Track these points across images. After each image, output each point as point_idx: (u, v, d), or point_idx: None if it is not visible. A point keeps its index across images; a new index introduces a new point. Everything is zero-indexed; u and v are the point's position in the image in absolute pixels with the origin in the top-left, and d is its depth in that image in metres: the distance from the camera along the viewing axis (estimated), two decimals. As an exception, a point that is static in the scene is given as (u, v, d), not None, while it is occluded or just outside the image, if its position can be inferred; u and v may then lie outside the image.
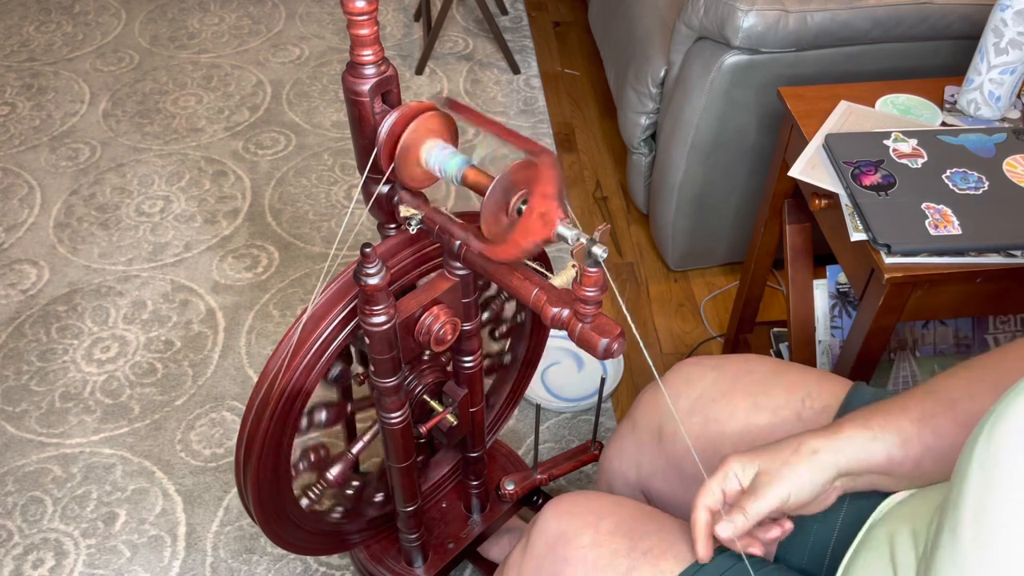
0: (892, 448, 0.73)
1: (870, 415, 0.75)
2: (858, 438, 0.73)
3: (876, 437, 0.73)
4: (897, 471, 0.73)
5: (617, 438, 1.12)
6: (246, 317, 1.85)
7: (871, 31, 1.50)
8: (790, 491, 0.71)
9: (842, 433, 0.74)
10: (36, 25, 2.78)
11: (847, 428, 0.74)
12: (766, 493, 0.71)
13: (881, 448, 0.73)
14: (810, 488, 0.72)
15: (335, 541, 1.18)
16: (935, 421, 0.73)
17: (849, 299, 1.51)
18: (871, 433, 0.73)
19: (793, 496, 0.71)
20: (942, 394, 0.74)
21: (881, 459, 0.73)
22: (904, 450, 0.73)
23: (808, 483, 0.72)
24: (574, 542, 0.85)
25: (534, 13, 2.94)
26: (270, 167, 2.23)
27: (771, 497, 0.71)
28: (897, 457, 0.73)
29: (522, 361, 1.26)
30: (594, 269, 0.73)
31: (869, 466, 0.73)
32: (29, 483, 1.57)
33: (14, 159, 2.26)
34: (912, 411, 0.74)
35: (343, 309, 0.90)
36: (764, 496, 0.71)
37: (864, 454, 0.73)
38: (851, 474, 0.73)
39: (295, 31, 2.76)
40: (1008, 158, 1.19)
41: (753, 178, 1.76)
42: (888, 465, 0.73)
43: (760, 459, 0.74)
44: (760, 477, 0.72)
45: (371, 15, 0.79)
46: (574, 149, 2.37)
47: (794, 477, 0.71)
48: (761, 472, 0.73)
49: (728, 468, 0.74)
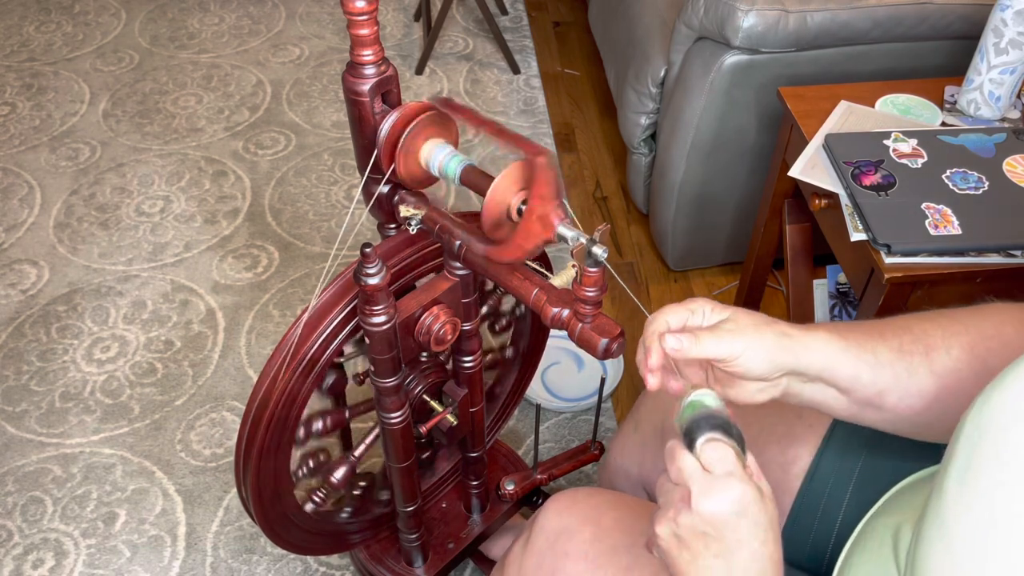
0: (862, 366, 0.69)
1: (847, 329, 0.71)
2: (832, 344, 0.69)
3: (848, 350, 0.69)
4: (858, 392, 0.70)
5: (620, 436, 1.13)
6: (246, 317, 1.85)
7: (871, 31, 1.50)
8: (746, 349, 0.67)
9: (816, 332, 0.70)
10: (36, 25, 2.78)
11: (821, 332, 0.70)
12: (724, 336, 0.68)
13: (850, 362, 0.69)
14: (764, 361, 0.68)
15: (335, 541, 1.18)
16: (911, 359, 0.69)
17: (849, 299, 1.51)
18: (844, 344, 0.69)
19: (744, 358, 0.68)
20: (919, 335, 0.70)
21: (847, 372, 0.69)
22: (874, 373, 0.69)
23: (765, 355, 0.68)
24: (575, 538, 0.85)
25: (534, 13, 2.94)
26: (270, 167, 2.23)
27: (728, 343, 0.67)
28: (865, 378, 0.69)
29: (522, 360, 1.26)
30: (594, 269, 0.73)
31: (832, 376, 0.69)
32: (29, 483, 1.57)
33: (14, 159, 2.26)
34: (890, 340, 0.70)
35: (343, 309, 0.90)
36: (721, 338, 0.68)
37: (831, 361, 0.69)
38: (804, 375, 0.70)
39: (295, 31, 2.76)
40: (1008, 158, 1.19)
41: (753, 178, 1.76)
42: (851, 382, 0.69)
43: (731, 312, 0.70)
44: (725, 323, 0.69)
45: (371, 15, 0.79)
46: (574, 149, 2.37)
47: (757, 341, 0.68)
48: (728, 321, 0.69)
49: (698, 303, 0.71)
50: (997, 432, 0.51)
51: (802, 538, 0.85)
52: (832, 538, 0.84)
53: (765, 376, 0.69)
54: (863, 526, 0.77)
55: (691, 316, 0.70)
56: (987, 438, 0.52)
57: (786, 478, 0.88)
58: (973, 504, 0.52)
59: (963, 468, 0.53)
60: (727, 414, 0.64)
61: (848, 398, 0.71)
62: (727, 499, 0.60)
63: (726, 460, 0.61)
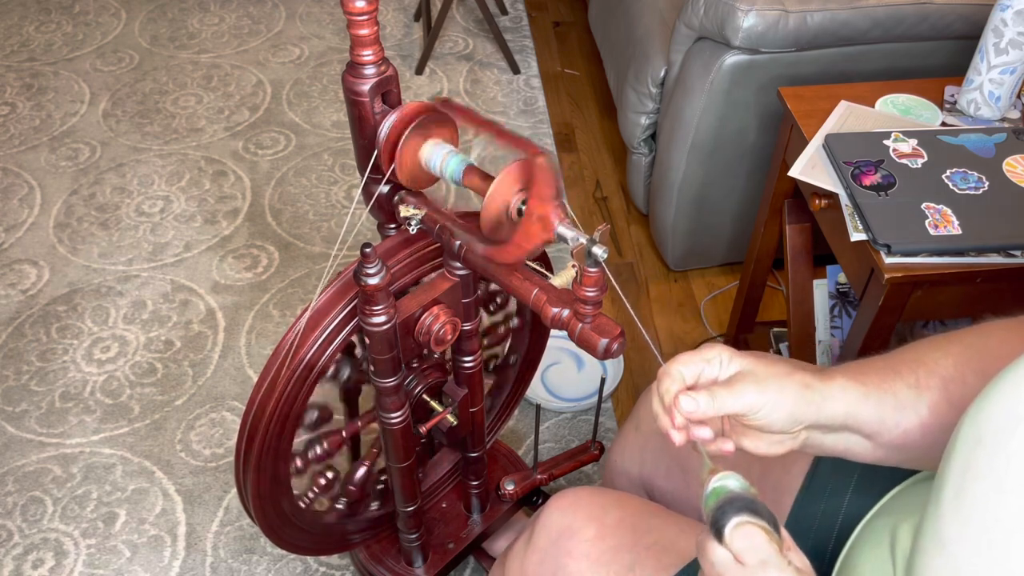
0: (886, 410, 0.67)
1: (862, 372, 0.68)
2: (851, 390, 0.67)
3: (869, 395, 0.67)
4: (883, 436, 0.68)
5: (621, 437, 1.13)
6: (246, 317, 1.85)
7: (871, 31, 1.50)
8: (766, 403, 0.64)
9: (834, 381, 0.67)
10: (36, 25, 2.78)
11: (839, 378, 0.67)
12: (744, 391, 0.64)
13: (873, 408, 0.67)
14: (786, 415, 0.65)
15: (335, 541, 1.18)
16: (930, 395, 0.67)
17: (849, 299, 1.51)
18: (864, 389, 0.67)
19: (765, 412, 0.64)
20: (932, 367, 0.68)
21: (871, 418, 0.67)
22: (897, 415, 0.67)
23: (787, 409, 0.65)
24: (578, 536, 0.85)
25: (534, 13, 2.94)
26: (270, 167, 2.23)
27: (748, 397, 0.64)
28: (889, 421, 0.67)
29: (522, 361, 1.26)
30: (594, 269, 0.73)
31: (856, 423, 0.67)
32: (29, 483, 1.57)
33: (14, 159, 2.26)
34: (906, 377, 0.68)
35: (343, 309, 0.90)
36: (740, 393, 0.64)
37: (854, 409, 0.66)
38: (827, 426, 0.67)
39: (295, 31, 2.76)
40: (1008, 158, 1.19)
41: (753, 178, 1.76)
42: (876, 427, 0.67)
43: (748, 360, 0.67)
44: (743, 376, 0.65)
45: (371, 15, 0.79)
46: (574, 149, 2.37)
47: (779, 394, 0.65)
48: (745, 372, 0.66)
49: (714, 351, 0.67)
50: (994, 437, 0.51)
51: (802, 538, 0.85)
52: (832, 538, 0.84)
53: (786, 430, 0.67)
54: (863, 527, 0.77)
55: (706, 366, 0.67)
56: (984, 444, 0.52)
57: (786, 478, 0.88)
58: (970, 513, 0.51)
59: (959, 476, 0.53)
60: (753, 492, 0.59)
61: (873, 443, 0.69)
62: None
63: (759, 547, 0.56)
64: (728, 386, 0.65)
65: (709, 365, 0.67)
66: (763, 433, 0.67)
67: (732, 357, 0.67)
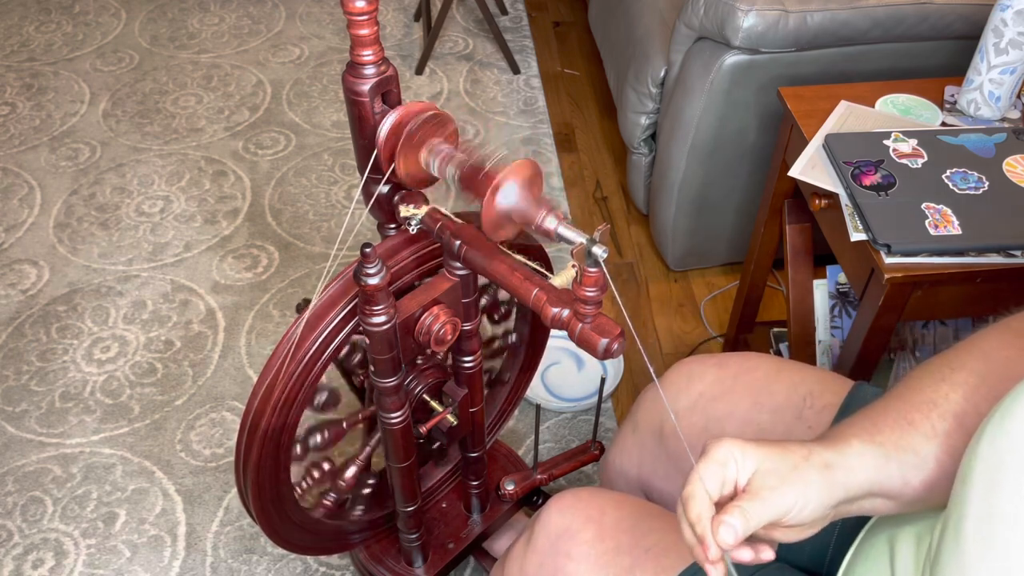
0: (908, 470, 0.63)
1: (874, 428, 0.65)
2: (870, 456, 0.63)
3: (890, 456, 0.63)
4: (907, 495, 0.64)
5: (619, 438, 1.13)
6: (246, 317, 1.85)
7: (871, 31, 1.50)
8: (796, 502, 0.60)
9: (850, 449, 0.64)
10: (36, 25, 2.78)
11: (855, 443, 0.64)
12: (772, 498, 0.60)
13: (896, 470, 0.63)
14: (817, 506, 0.61)
15: (335, 541, 1.18)
16: (950, 441, 0.64)
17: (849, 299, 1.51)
18: (883, 451, 0.63)
19: (796, 511, 0.61)
20: (944, 408, 0.65)
21: (896, 483, 0.63)
22: (920, 473, 0.63)
23: (816, 500, 0.61)
24: (577, 537, 0.85)
25: (534, 13, 2.94)
26: (270, 167, 2.23)
27: (778, 503, 0.60)
28: (913, 481, 0.63)
29: (522, 362, 1.26)
30: (594, 269, 0.73)
31: (881, 489, 0.64)
32: (29, 483, 1.57)
33: (14, 159, 2.26)
34: (920, 425, 0.65)
35: (343, 309, 0.90)
36: (770, 501, 0.60)
37: (878, 476, 0.63)
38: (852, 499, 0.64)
39: (295, 31, 2.76)
40: (1008, 158, 1.19)
41: (753, 178, 1.76)
42: (900, 488, 0.64)
43: (763, 453, 0.62)
44: (764, 477, 0.61)
45: (371, 15, 0.79)
46: (574, 149, 2.37)
47: (805, 488, 0.61)
48: (765, 472, 0.61)
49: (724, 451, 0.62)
50: (1016, 461, 0.49)
51: (798, 553, 0.85)
52: (832, 542, 0.84)
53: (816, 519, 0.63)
54: (860, 541, 0.77)
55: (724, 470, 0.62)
56: (1005, 467, 0.50)
57: None
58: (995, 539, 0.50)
59: (982, 502, 0.51)
60: None
61: (896, 501, 0.66)
62: None
63: None
64: (753, 497, 0.60)
65: (727, 469, 0.62)
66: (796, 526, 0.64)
67: (743, 450, 0.62)
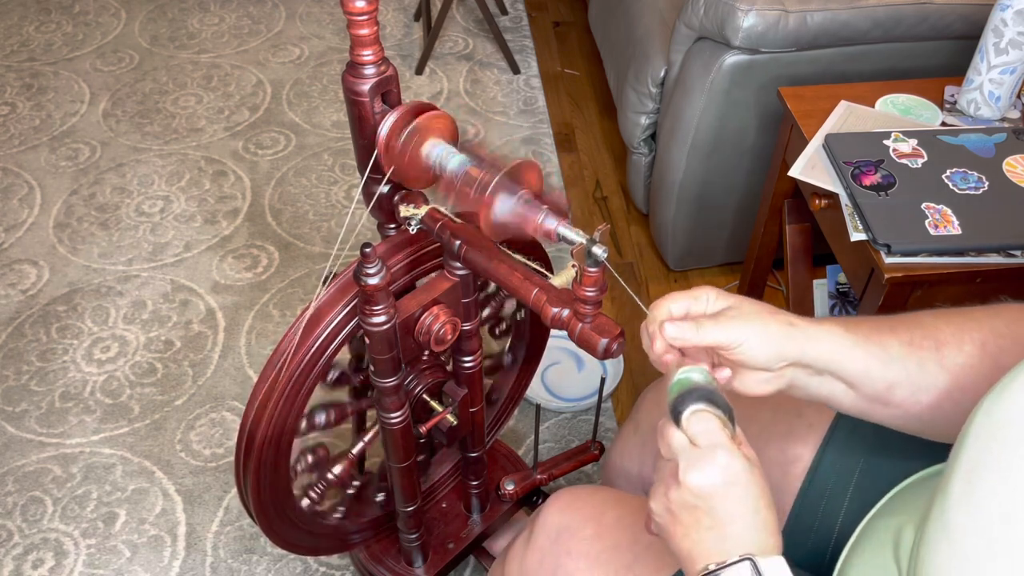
0: (872, 360, 0.67)
1: (855, 323, 0.69)
2: (838, 335, 0.67)
3: (858, 344, 0.67)
4: (867, 387, 0.68)
5: (620, 438, 1.13)
6: (246, 317, 1.85)
7: (871, 31, 1.50)
8: (750, 337, 0.65)
9: (823, 325, 0.68)
10: (36, 25, 2.78)
11: (829, 324, 0.68)
12: (727, 324, 0.66)
13: (860, 355, 0.67)
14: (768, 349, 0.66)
15: (335, 541, 1.18)
16: (922, 354, 0.67)
17: (849, 299, 1.51)
18: (852, 338, 0.67)
19: (747, 345, 0.65)
20: (930, 330, 0.68)
21: (857, 366, 0.67)
22: (884, 368, 0.67)
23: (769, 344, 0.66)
24: (577, 535, 0.85)
25: (534, 13, 2.94)
26: (270, 167, 2.23)
27: (731, 330, 0.65)
28: (875, 372, 0.67)
29: (522, 361, 1.26)
30: (594, 269, 0.73)
31: (841, 369, 0.67)
32: (29, 483, 1.57)
33: (14, 159, 2.26)
34: (900, 334, 0.68)
35: (343, 309, 0.90)
36: (724, 325, 0.66)
37: (840, 354, 0.67)
38: (810, 367, 0.68)
39: (295, 31, 2.76)
40: (1008, 158, 1.19)
41: (753, 178, 1.76)
42: (861, 377, 0.67)
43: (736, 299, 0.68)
44: (729, 311, 0.67)
45: (371, 15, 0.79)
46: (574, 149, 2.37)
47: (760, 328, 0.66)
48: (731, 308, 0.67)
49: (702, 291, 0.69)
50: (1009, 431, 0.51)
51: (802, 538, 0.85)
52: (833, 538, 0.84)
53: (769, 365, 0.67)
54: (864, 527, 0.77)
55: (694, 303, 0.68)
56: (998, 437, 0.51)
57: (786, 478, 0.88)
58: (980, 504, 0.51)
59: (970, 467, 0.53)
60: (714, 386, 0.63)
61: (856, 393, 0.69)
62: (713, 470, 0.60)
63: (711, 431, 0.61)
64: (713, 318, 0.67)
65: (696, 302, 0.68)
66: (749, 370, 0.68)
67: (719, 295, 0.69)
